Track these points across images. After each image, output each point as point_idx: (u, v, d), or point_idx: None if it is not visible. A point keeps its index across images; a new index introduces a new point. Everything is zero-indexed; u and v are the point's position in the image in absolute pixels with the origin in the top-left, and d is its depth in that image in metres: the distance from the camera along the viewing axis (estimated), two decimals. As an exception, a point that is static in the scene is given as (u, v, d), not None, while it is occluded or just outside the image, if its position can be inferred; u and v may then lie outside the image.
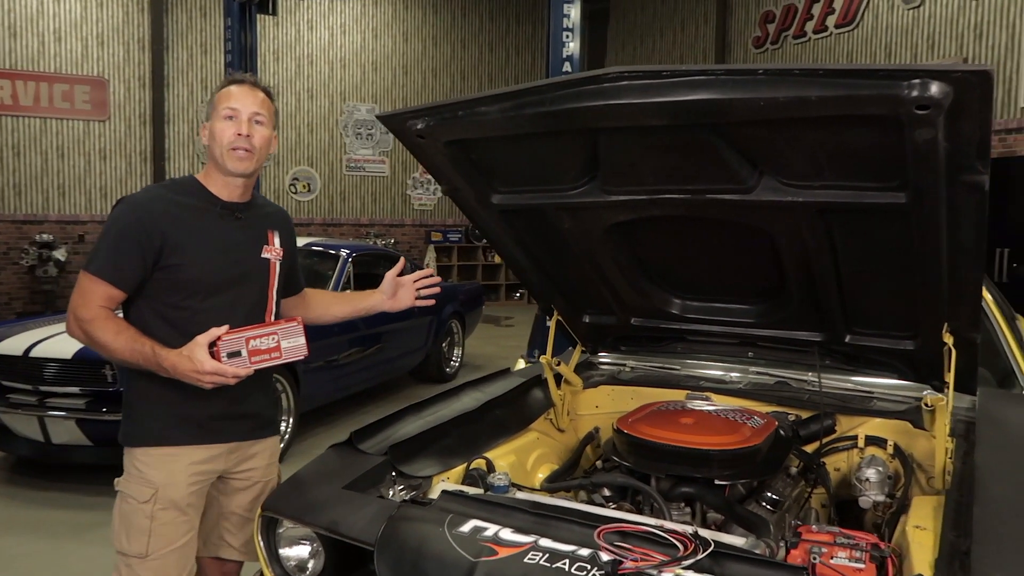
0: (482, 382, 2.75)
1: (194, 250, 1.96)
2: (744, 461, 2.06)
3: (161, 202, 1.98)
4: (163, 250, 1.92)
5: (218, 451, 2.06)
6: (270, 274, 2.13)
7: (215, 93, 2.05)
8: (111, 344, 1.89)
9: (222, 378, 1.86)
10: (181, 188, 2.06)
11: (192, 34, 11.99)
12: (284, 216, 2.28)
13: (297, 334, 1.93)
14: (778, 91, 1.49)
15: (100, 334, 1.89)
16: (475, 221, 2.38)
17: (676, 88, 1.58)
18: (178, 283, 1.95)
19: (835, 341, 2.33)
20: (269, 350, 1.90)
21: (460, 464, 2.19)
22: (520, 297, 14.88)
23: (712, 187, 1.89)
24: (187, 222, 1.97)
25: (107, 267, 1.92)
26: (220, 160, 2.00)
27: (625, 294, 2.52)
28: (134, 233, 1.91)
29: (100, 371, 4.23)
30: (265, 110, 2.04)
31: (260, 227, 2.13)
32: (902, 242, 1.83)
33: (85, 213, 11.36)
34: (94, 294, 1.91)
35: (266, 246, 2.12)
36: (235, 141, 1.97)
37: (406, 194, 14.02)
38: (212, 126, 2.01)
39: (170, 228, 1.94)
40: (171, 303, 1.96)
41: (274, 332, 1.90)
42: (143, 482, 1.98)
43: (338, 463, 2.10)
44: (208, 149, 2.03)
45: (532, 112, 1.79)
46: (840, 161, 1.68)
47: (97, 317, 1.90)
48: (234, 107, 1.99)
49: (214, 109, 2.02)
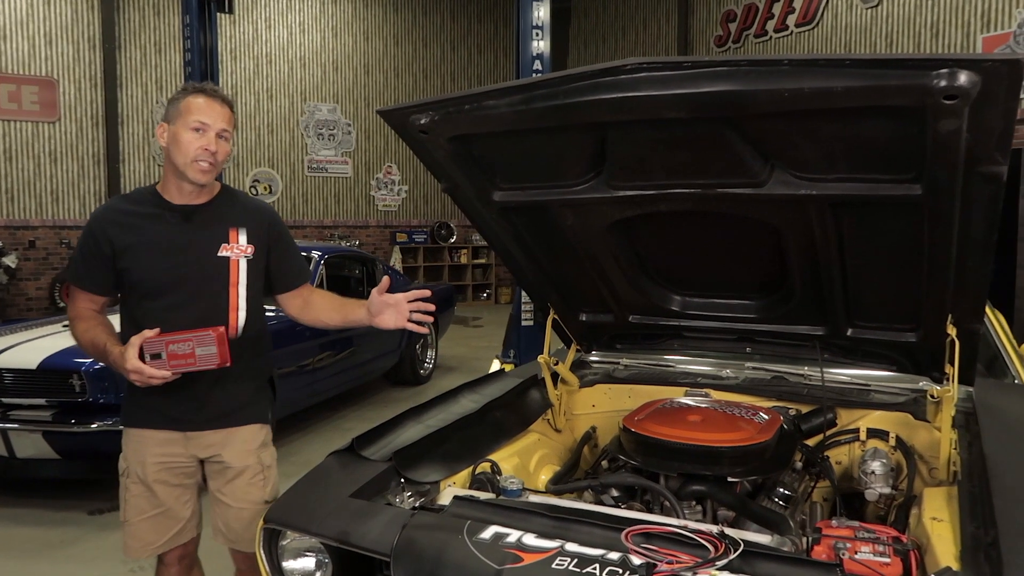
0: (478, 384, 2.69)
1: (140, 252, 2.10)
2: (755, 457, 2.04)
3: (112, 212, 2.16)
4: (114, 256, 2.10)
5: (175, 436, 2.21)
6: (231, 272, 2.18)
7: (180, 99, 2.10)
8: (79, 340, 2.16)
9: (140, 376, 1.98)
10: (136, 198, 2.21)
11: (145, 32, 11.67)
12: (261, 213, 2.30)
13: (209, 343, 1.97)
14: (803, 82, 1.47)
15: (74, 332, 2.18)
16: (474, 219, 2.33)
17: (697, 80, 1.55)
18: (131, 284, 2.13)
19: (836, 335, 2.33)
20: (185, 355, 1.98)
21: (466, 468, 2.14)
22: (487, 297, 14.89)
23: (723, 181, 1.87)
24: (134, 228, 2.12)
25: (76, 275, 2.18)
26: (181, 168, 2.09)
27: (624, 291, 2.49)
28: (90, 243, 2.13)
29: (67, 381, 4.06)
30: (230, 126, 2.15)
31: (219, 226, 2.18)
32: (912, 234, 1.83)
33: (36, 218, 10.97)
34: (75, 300, 2.19)
35: (225, 244, 2.17)
36: (201, 156, 2.07)
37: (370, 195, 13.85)
38: (177, 133, 2.07)
39: (117, 235, 2.10)
40: (132, 304, 2.15)
41: (190, 339, 1.98)
42: (122, 458, 2.26)
43: (341, 471, 2.03)
44: (167, 152, 2.11)
45: (543, 106, 1.74)
46: (855, 153, 1.67)
47: (75, 317, 2.17)
48: (204, 121, 2.07)
49: (179, 116, 2.08)
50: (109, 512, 4.18)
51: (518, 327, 7.12)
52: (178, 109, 2.08)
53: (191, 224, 2.15)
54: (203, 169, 2.07)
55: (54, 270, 11.06)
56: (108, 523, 4.06)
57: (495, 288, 14.84)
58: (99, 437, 4.00)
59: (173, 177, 2.13)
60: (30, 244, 10.91)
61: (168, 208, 2.14)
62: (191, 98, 2.08)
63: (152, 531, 2.25)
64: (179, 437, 2.21)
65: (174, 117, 2.09)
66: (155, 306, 2.10)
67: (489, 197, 2.17)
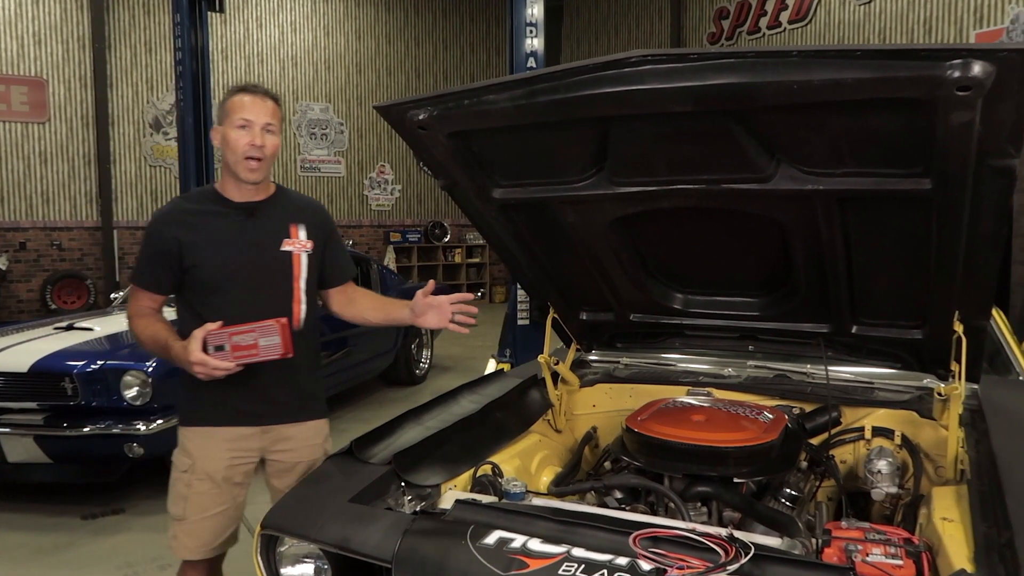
0: (478, 384, 2.66)
1: (208, 250, 2.16)
2: (761, 457, 2.01)
3: (176, 212, 2.23)
4: (181, 254, 2.15)
5: (249, 431, 2.24)
6: (294, 266, 2.24)
7: (226, 100, 2.17)
8: (140, 337, 2.19)
9: (204, 368, 2.01)
10: (197, 198, 2.30)
11: (136, 32, 11.57)
12: (315, 209, 2.39)
13: (272, 333, 2.00)
14: (812, 73, 1.43)
15: (135, 330, 2.21)
16: (472, 217, 2.29)
17: (703, 72, 1.51)
18: (197, 282, 2.17)
19: (841, 332, 2.30)
20: (248, 347, 2.00)
21: (467, 470, 2.10)
22: (481, 296, 14.83)
23: (727, 177, 1.84)
24: (199, 226, 2.17)
25: (140, 276, 2.23)
26: (233, 168, 2.16)
27: (625, 290, 2.46)
28: (155, 242, 2.18)
29: (59, 384, 4.00)
30: (275, 120, 2.18)
31: (280, 222, 2.24)
32: (920, 229, 1.80)
33: (26, 219, 10.87)
34: (136, 300, 2.23)
35: (287, 239, 2.23)
36: (248, 151, 2.12)
37: (363, 194, 13.79)
38: (225, 133, 2.15)
39: (185, 233, 2.16)
40: (199, 300, 2.18)
41: (253, 330, 2.00)
42: (184, 454, 2.23)
43: (339, 474, 1.99)
44: (222, 154, 2.19)
45: (545, 100, 1.70)
46: (863, 147, 1.64)
47: (134, 315, 2.21)
48: (247, 117, 2.12)
49: (227, 116, 2.15)
50: (103, 517, 4.13)
51: (514, 326, 7.08)
52: (224, 110, 2.16)
53: (254, 220, 2.21)
54: (252, 167, 2.13)
55: (45, 272, 10.97)
56: (102, 528, 4.01)
57: (489, 287, 14.81)
58: (92, 441, 3.95)
59: (230, 177, 2.19)
60: (21, 246, 10.81)
61: (231, 206, 2.20)
62: (235, 97, 2.15)
63: (211, 530, 2.25)
64: (254, 432, 2.24)
65: (222, 118, 2.16)
66: (220, 301, 2.15)
67: (489, 194, 2.13)
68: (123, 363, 4.02)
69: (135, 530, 3.98)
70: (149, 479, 4.38)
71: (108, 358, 4.08)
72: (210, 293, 2.17)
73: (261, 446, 2.27)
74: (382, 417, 2.29)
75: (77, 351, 4.16)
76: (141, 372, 3.98)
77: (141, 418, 3.98)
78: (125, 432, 3.94)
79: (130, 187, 11.64)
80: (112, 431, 3.94)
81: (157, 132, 11.75)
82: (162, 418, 4.00)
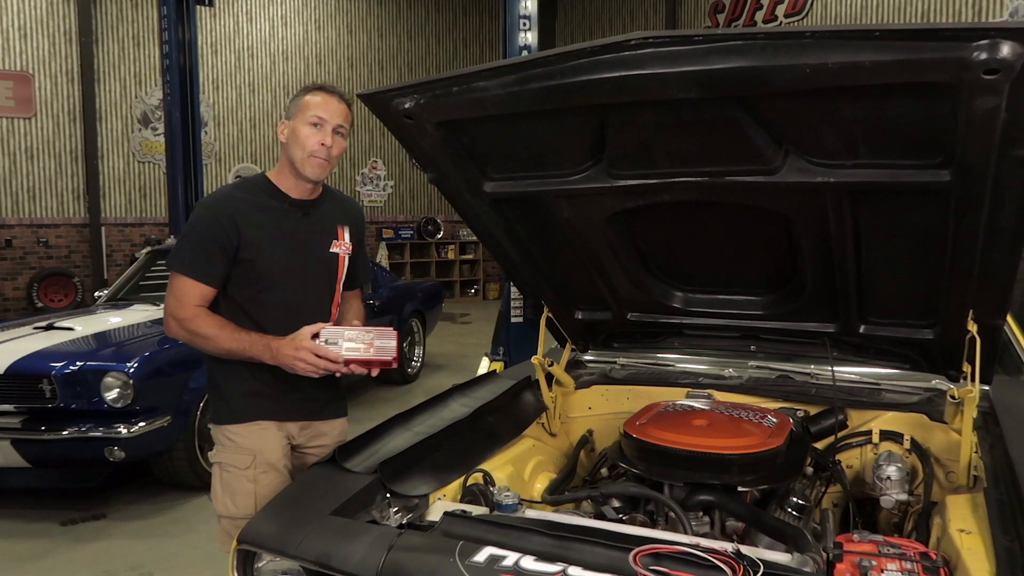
0: (469, 387, 2.55)
1: (266, 245, 2.09)
2: (766, 464, 1.91)
3: (234, 201, 2.12)
4: (239, 246, 2.07)
5: (293, 427, 2.23)
6: (338, 268, 2.24)
7: (300, 96, 2.13)
8: (216, 336, 2.04)
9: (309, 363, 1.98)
10: (253, 187, 2.18)
11: (123, 26, 11.40)
12: (356, 210, 2.38)
13: (389, 337, 2.00)
14: (828, 56, 1.33)
15: (205, 328, 2.05)
16: (463, 211, 2.18)
17: (708, 55, 1.41)
18: (252, 277, 2.10)
19: (848, 332, 2.20)
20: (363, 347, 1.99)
21: (456, 479, 2.00)
22: (475, 293, 14.73)
23: (732, 169, 1.73)
24: (259, 219, 2.10)
25: (196, 265, 2.07)
26: (299, 164, 2.11)
27: (623, 288, 2.35)
28: (214, 231, 2.06)
29: (37, 386, 3.88)
30: (347, 123, 2.15)
31: (329, 222, 2.22)
32: (935, 224, 1.71)
33: (12, 216, 10.71)
34: (188, 294, 2.06)
35: (335, 241, 2.23)
36: (317, 150, 2.08)
37: (355, 190, 13.65)
38: (295, 128, 2.10)
39: (244, 225, 2.07)
40: (248, 296, 2.11)
41: (370, 331, 2.01)
42: (241, 451, 2.14)
43: (322, 484, 1.88)
44: (285, 147, 2.14)
45: (538, 87, 1.60)
46: (879, 136, 1.54)
47: (197, 315, 2.06)
48: (322, 116, 2.09)
49: (299, 111, 2.11)
50: (83, 523, 4.02)
51: (507, 324, 6.98)
52: (298, 106, 2.12)
53: (309, 219, 2.18)
54: (318, 164, 2.09)
55: (32, 270, 10.82)
56: (82, 534, 3.90)
57: (483, 284, 14.70)
58: (71, 444, 3.83)
59: (290, 173, 2.14)
60: (7, 243, 10.66)
61: (289, 202, 2.15)
62: (310, 96, 2.12)
63: None
64: (297, 427, 2.23)
65: (294, 113, 2.12)
66: (272, 298, 2.11)
67: (479, 188, 2.02)
68: (103, 364, 3.90)
69: (116, 536, 3.86)
70: (131, 484, 4.28)
71: (88, 359, 3.95)
72: (263, 290, 2.11)
73: (300, 441, 2.26)
74: (373, 417, 2.21)
75: (56, 352, 4.03)
76: (122, 373, 3.86)
77: (122, 421, 3.85)
78: (106, 435, 3.81)
79: (118, 183, 11.48)
80: (92, 434, 3.82)
81: (145, 127, 11.59)
82: (144, 420, 3.88)
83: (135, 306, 5.10)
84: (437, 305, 8.09)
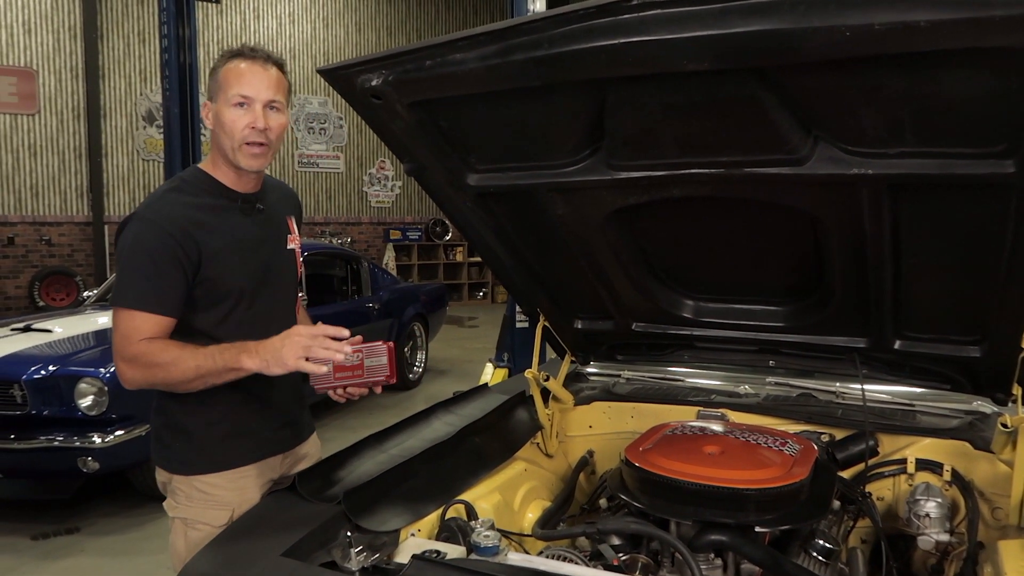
0: (455, 403, 2.31)
1: (228, 255, 1.75)
2: (788, 501, 1.66)
3: (181, 207, 1.73)
4: (200, 263, 1.71)
5: (275, 461, 1.93)
6: (297, 267, 1.98)
7: (218, 69, 1.74)
8: (178, 358, 1.63)
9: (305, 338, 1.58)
10: (194, 187, 1.79)
11: (129, 22, 11.26)
12: (294, 195, 2.09)
13: (380, 354, 1.73)
14: (873, 15, 1.08)
15: (162, 355, 1.64)
16: (445, 207, 1.95)
17: (726, 17, 1.16)
18: (219, 295, 1.75)
19: (881, 347, 1.95)
20: (353, 367, 1.72)
21: (434, 510, 1.76)
22: (483, 296, 14.49)
23: (751, 159, 1.49)
24: (214, 225, 1.74)
25: (150, 295, 1.67)
26: (231, 155, 1.75)
27: (626, 294, 2.10)
28: (167, 249, 1.67)
29: (8, 392, 3.68)
30: (282, 94, 1.76)
31: (279, 216, 1.92)
32: (992, 224, 1.45)
33: (15, 214, 10.56)
34: (139, 330, 1.66)
35: (289, 236, 1.94)
36: (249, 135, 1.72)
37: (362, 191, 13.46)
38: (219, 111, 1.73)
39: (202, 236, 1.71)
40: (214, 319, 1.76)
41: (359, 350, 1.71)
42: (216, 505, 1.80)
43: (277, 517, 1.64)
44: (213, 135, 1.77)
45: (523, 58, 1.35)
46: (929, 118, 1.29)
47: (149, 345, 1.65)
48: (246, 94, 1.71)
49: (220, 90, 1.73)
50: (55, 537, 3.81)
51: (512, 329, 6.74)
52: (217, 82, 1.74)
53: (261, 216, 1.86)
54: (255, 153, 1.74)
55: (34, 268, 10.68)
56: (53, 550, 3.69)
57: (491, 287, 14.46)
58: (43, 454, 3.64)
59: (225, 164, 1.79)
60: (9, 241, 10.52)
61: (236, 199, 1.81)
62: (229, 65, 1.73)
63: None
64: (278, 460, 1.94)
65: (215, 93, 1.74)
66: (244, 316, 1.79)
67: (463, 181, 1.78)
68: (77, 369, 3.69)
69: (89, 552, 3.65)
70: (108, 494, 4.06)
71: (61, 363, 3.74)
72: (231, 309, 1.77)
73: (282, 472, 1.96)
74: (370, 426, 1.97)
75: (29, 356, 3.83)
76: (97, 379, 3.64)
77: (97, 429, 3.65)
78: (79, 445, 3.61)
79: (122, 181, 11.33)
80: (65, 444, 3.61)
81: (150, 125, 11.43)
82: (120, 429, 3.67)
83: (123, 307, 4.88)
84: (441, 308, 7.85)
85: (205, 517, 1.79)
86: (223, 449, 1.82)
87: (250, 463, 1.85)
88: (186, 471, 1.81)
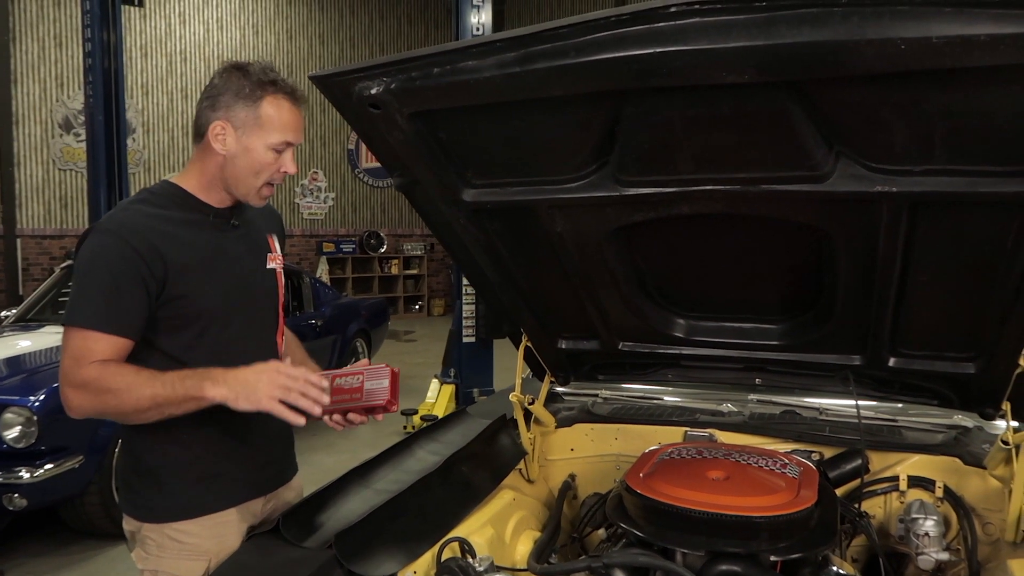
0: (436, 430, 2.19)
1: (199, 273, 1.62)
2: (800, 527, 1.61)
3: (146, 218, 1.60)
4: (167, 280, 1.57)
5: (257, 505, 1.79)
6: (278, 287, 1.84)
7: (258, 99, 1.60)
8: (132, 384, 1.49)
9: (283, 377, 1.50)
10: (162, 199, 1.66)
11: (44, 24, 10.65)
12: (277, 215, 1.97)
13: (382, 377, 1.63)
14: (932, 28, 1.03)
15: (115, 380, 1.49)
16: (434, 224, 1.84)
17: (775, 27, 1.10)
18: (188, 317, 1.62)
19: (875, 365, 1.92)
20: (351, 390, 1.64)
21: (428, 549, 1.65)
22: (419, 309, 14.28)
23: (772, 175, 1.43)
24: (183, 239, 1.61)
25: (107, 314, 1.52)
26: (243, 190, 1.66)
27: (616, 313, 2.03)
28: (129, 264, 1.53)
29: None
30: None
31: (258, 233, 1.80)
32: (1006, 242, 1.44)
33: (-84, 227, 9.84)
34: (92, 351, 1.50)
35: (270, 254, 1.81)
36: (276, 179, 1.67)
37: (294, 202, 13.10)
38: (250, 147, 1.61)
39: (169, 250, 1.57)
40: (183, 343, 1.62)
41: (359, 372, 1.65)
42: (192, 555, 1.66)
43: (260, 565, 1.51)
44: (225, 163, 1.63)
45: (546, 67, 1.26)
46: (964, 135, 1.26)
47: (102, 369, 1.50)
48: (291, 141, 1.64)
49: (258, 127, 1.60)
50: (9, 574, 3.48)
51: (459, 344, 6.64)
52: (256, 115, 1.60)
53: (238, 232, 1.73)
54: (267, 195, 1.69)
55: (-63, 284, 9.95)
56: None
57: (427, 300, 14.28)
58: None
59: (220, 187, 1.67)
60: (-91, 256, 9.77)
61: (208, 212, 1.68)
62: (274, 104, 1.61)
63: None
64: (259, 504, 1.79)
65: (247, 125, 1.60)
66: (216, 341, 1.65)
67: (457, 196, 1.68)
68: (2, 398, 3.38)
69: (16, 597, 3.35)
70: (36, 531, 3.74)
71: (-17, 391, 3.43)
72: (202, 332, 1.64)
73: (263, 518, 1.80)
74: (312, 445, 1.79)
75: (-54, 383, 3.50)
76: (25, 408, 3.35)
77: (25, 463, 3.35)
78: (4, 481, 3.31)
79: (36, 192, 10.68)
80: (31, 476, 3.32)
81: (67, 133, 10.83)
82: (51, 462, 3.38)
83: (47, 328, 4.53)
84: (383, 323, 7.67)
85: (179, 569, 1.64)
86: (198, 492, 1.67)
87: (228, 507, 1.70)
88: (157, 518, 1.66)
